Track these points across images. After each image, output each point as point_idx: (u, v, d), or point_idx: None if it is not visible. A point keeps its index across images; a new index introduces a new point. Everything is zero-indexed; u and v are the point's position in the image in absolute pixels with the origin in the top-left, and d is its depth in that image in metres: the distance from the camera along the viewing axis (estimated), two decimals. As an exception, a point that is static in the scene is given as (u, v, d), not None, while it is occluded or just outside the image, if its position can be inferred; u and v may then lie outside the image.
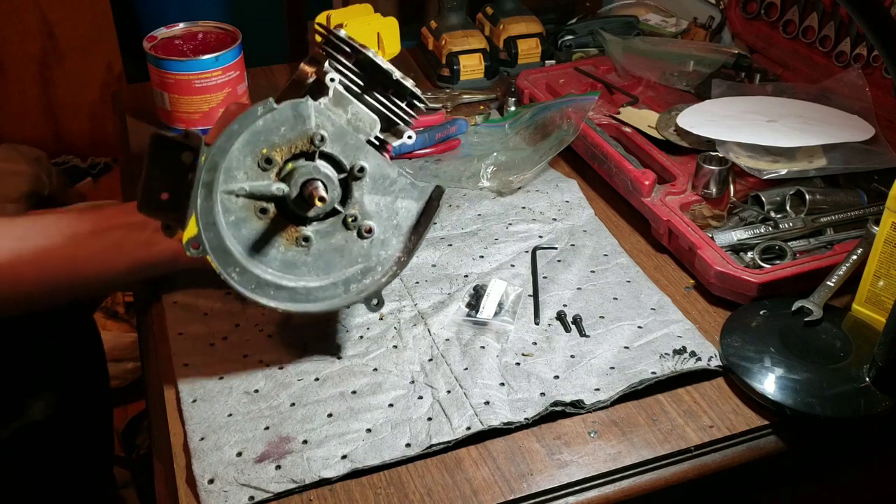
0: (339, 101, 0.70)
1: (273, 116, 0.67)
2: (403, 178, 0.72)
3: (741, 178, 0.95)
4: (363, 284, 0.72)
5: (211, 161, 0.66)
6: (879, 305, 0.77)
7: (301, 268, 0.71)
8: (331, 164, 0.69)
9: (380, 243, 0.72)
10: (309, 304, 0.72)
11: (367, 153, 0.70)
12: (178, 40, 1.12)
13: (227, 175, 0.67)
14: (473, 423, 0.69)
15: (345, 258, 0.72)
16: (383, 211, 0.72)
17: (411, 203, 0.72)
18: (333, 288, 0.72)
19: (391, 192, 0.72)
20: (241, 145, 0.67)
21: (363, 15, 1.18)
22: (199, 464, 0.66)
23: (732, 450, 0.70)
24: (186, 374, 0.74)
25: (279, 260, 0.70)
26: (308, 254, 0.71)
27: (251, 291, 0.70)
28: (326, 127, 0.68)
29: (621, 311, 0.81)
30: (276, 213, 0.69)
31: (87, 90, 2.24)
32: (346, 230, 0.71)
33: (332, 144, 0.69)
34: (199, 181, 0.66)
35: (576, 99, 1.04)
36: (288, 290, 0.71)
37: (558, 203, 0.98)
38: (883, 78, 1.05)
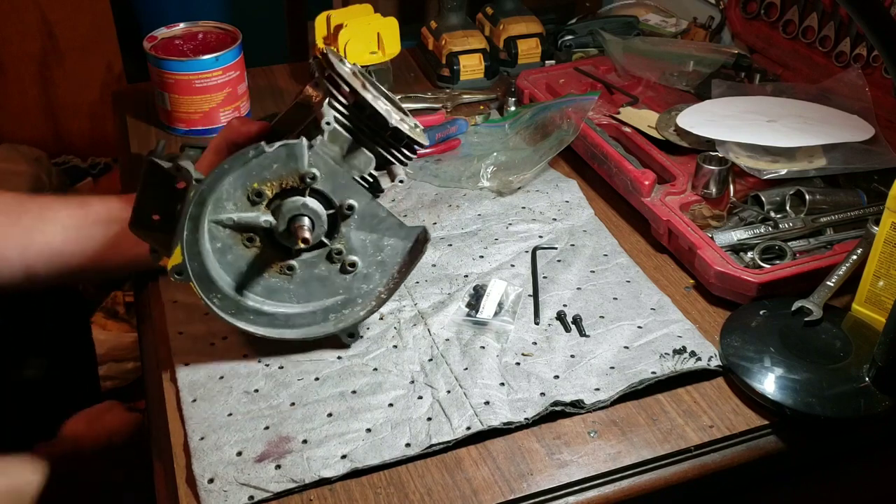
0: (334, 139, 0.72)
1: (266, 156, 0.69)
2: (392, 219, 0.73)
3: (741, 178, 0.95)
4: (342, 315, 0.74)
5: (199, 196, 0.68)
6: (879, 305, 0.77)
7: (283, 294, 0.73)
8: (320, 199, 0.71)
9: (362, 277, 0.74)
10: (286, 329, 0.74)
11: (357, 192, 0.71)
12: (178, 40, 1.13)
13: (216, 205, 0.69)
14: (473, 423, 0.69)
15: (327, 288, 0.73)
16: (369, 247, 0.73)
17: (398, 242, 0.74)
18: (312, 316, 0.74)
19: (378, 229, 0.73)
20: (233, 178, 0.69)
21: (363, 15, 1.18)
22: (198, 463, 0.66)
23: (732, 450, 0.70)
24: (186, 373, 0.74)
25: (262, 286, 0.72)
26: (291, 282, 0.73)
27: (231, 316, 0.72)
28: (319, 166, 0.70)
29: (621, 311, 0.81)
30: (263, 243, 0.71)
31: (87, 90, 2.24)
32: (331, 263, 0.73)
33: (323, 182, 0.70)
34: (187, 214, 0.68)
35: (576, 99, 1.04)
36: (267, 315, 0.73)
37: (558, 203, 0.98)
38: (883, 78, 1.05)
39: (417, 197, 0.99)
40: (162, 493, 0.67)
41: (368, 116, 0.73)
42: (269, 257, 0.72)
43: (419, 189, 1.00)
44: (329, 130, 0.71)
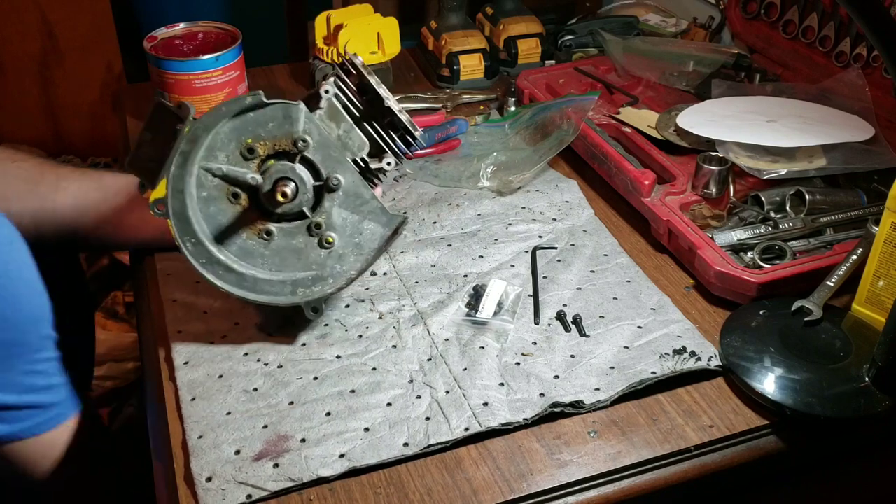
0: (333, 116, 0.73)
1: (264, 112, 0.70)
2: (375, 202, 0.73)
3: (741, 178, 0.95)
4: (310, 290, 0.74)
5: (193, 133, 0.70)
6: (879, 305, 0.77)
7: (256, 259, 0.73)
8: (310, 169, 0.71)
9: (337, 256, 0.74)
10: (253, 293, 0.74)
11: (346, 169, 0.72)
12: (178, 40, 1.12)
13: (208, 152, 0.70)
14: (472, 424, 0.69)
15: (301, 261, 0.73)
16: (348, 227, 0.73)
17: (377, 227, 0.74)
18: (281, 285, 0.74)
19: (361, 211, 0.73)
20: (228, 129, 0.70)
21: (363, 15, 1.18)
22: (197, 462, 0.66)
23: (732, 450, 0.70)
24: (185, 372, 0.74)
25: (238, 245, 0.73)
26: (267, 248, 0.73)
27: (201, 265, 0.72)
28: (312, 134, 0.70)
29: (621, 311, 0.81)
30: (247, 202, 0.72)
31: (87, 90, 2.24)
32: (309, 236, 0.73)
33: (315, 152, 0.71)
34: (178, 149, 0.69)
35: (576, 99, 1.04)
36: (237, 274, 0.73)
37: (558, 203, 0.97)
38: (883, 78, 1.05)
39: (417, 196, 0.99)
40: (161, 491, 0.67)
41: (369, 101, 0.74)
42: (250, 217, 0.72)
43: (419, 189, 1.00)
44: (327, 100, 0.72)
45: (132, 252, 0.93)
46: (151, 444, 0.72)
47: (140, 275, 0.88)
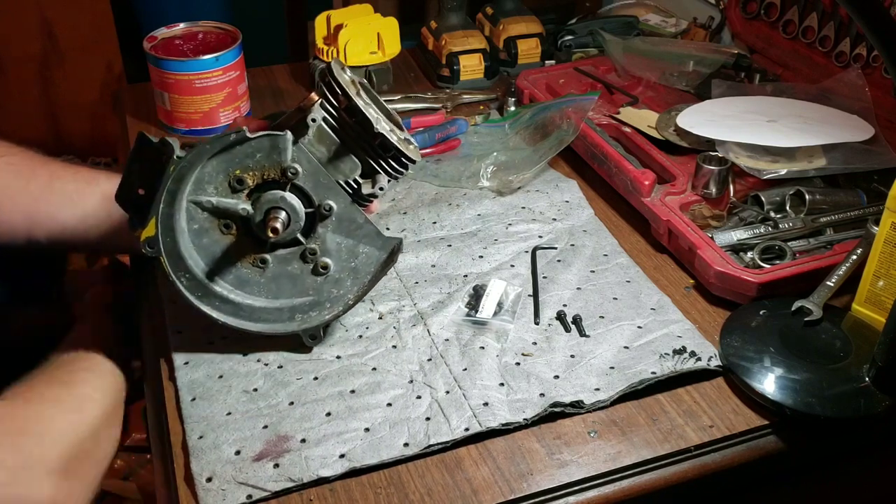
0: (322, 139, 0.72)
1: (251, 144, 0.69)
2: (370, 226, 0.73)
3: (741, 178, 0.95)
4: (308, 316, 0.74)
5: (178, 172, 0.69)
6: (879, 305, 0.77)
7: (253, 287, 0.73)
8: (301, 196, 0.71)
9: (333, 281, 0.73)
10: (250, 322, 0.74)
11: (338, 195, 0.71)
12: (178, 40, 1.12)
13: (197, 186, 0.70)
14: (472, 424, 0.69)
15: (297, 287, 0.73)
16: (343, 252, 0.73)
17: (373, 251, 0.74)
18: (278, 313, 0.74)
19: (355, 235, 0.73)
20: (216, 162, 0.70)
21: (363, 15, 1.18)
22: (197, 462, 0.66)
23: (732, 450, 0.70)
24: (186, 372, 0.74)
25: (233, 275, 0.73)
26: (262, 276, 0.73)
27: (197, 299, 0.72)
28: (302, 163, 0.70)
29: (621, 311, 0.81)
30: (239, 232, 0.72)
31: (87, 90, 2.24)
32: (304, 262, 0.73)
33: (305, 180, 0.70)
34: (165, 188, 0.69)
35: (576, 99, 1.04)
36: (233, 304, 0.73)
37: (558, 203, 0.97)
38: (883, 78, 1.05)
39: (417, 196, 0.99)
40: (161, 491, 0.67)
41: (358, 122, 0.72)
42: (243, 247, 0.72)
43: (419, 189, 1.00)
44: (315, 127, 0.71)
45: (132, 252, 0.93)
46: (151, 444, 0.72)
47: (140, 275, 0.88)
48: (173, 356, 0.76)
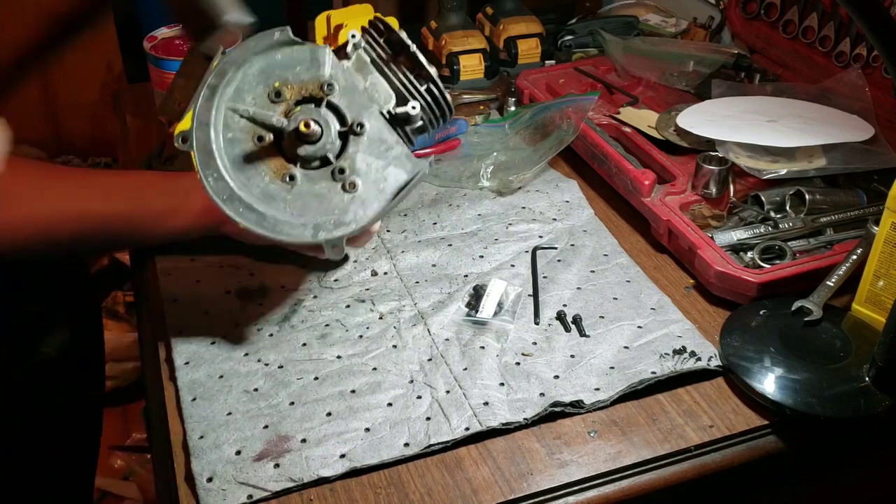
0: (360, 69, 0.73)
1: (292, 53, 0.71)
2: (400, 147, 0.72)
3: (741, 178, 0.95)
4: (332, 234, 0.72)
5: (221, 67, 0.70)
6: (879, 305, 0.77)
7: (279, 203, 0.72)
8: (335, 116, 0.71)
9: (360, 202, 0.72)
10: (273, 233, 0.72)
11: (372, 114, 0.72)
12: (178, 40, 1.12)
13: (236, 94, 0.70)
14: (472, 423, 0.69)
15: (323, 206, 0.72)
16: (372, 173, 0.72)
17: (401, 174, 0.73)
18: (302, 228, 0.72)
19: (385, 157, 0.72)
20: (256, 71, 0.70)
21: (363, 15, 1.18)
22: (197, 462, 0.66)
23: (732, 450, 0.70)
24: (186, 372, 0.74)
25: (260, 188, 0.71)
26: (289, 192, 0.72)
27: (222, 201, 0.71)
28: (339, 79, 0.71)
29: (621, 311, 0.81)
30: (272, 144, 0.71)
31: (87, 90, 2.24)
32: (332, 181, 0.72)
33: (341, 97, 0.71)
34: (206, 82, 0.69)
35: (576, 99, 1.04)
36: (257, 213, 0.71)
37: (558, 203, 0.98)
38: (883, 78, 1.05)
39: (417, 197, 0.99)
40: (161, 491, 0.67)
41: (395, 54, 0.74)
42: (274, 161, 0.72)
43: (419, 189, 1.00)
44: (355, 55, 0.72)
45: (133, 252, 0.93)
46: (151, 444, 0.72)
47: (140, 274, 0.88)
48: (174, 356, 0.76)
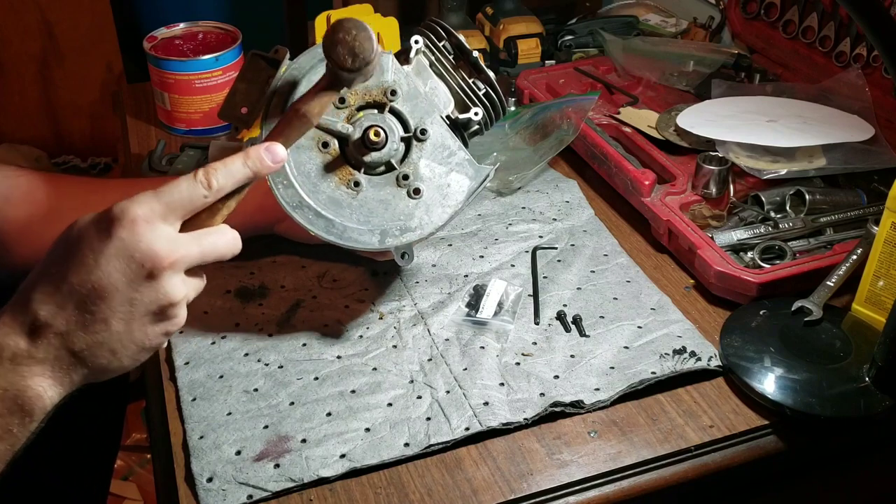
0: (419, 73, 0.75)
1: None
2: (462, 153, 0.74)
3: (741, 178, 0.95)
4: (399, 240, 0.74)
5: (290, 74, 0.71)
6: (879, 305, 0.77)
7: (345, 209, 0.73)
8: (398, 121, 0.73)
9: (425, 207, 0.74)
10: (342, 239, 0.73)
11: (434, 120, 0.73)
12: (178, 40, 1.13)
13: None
14: (472, 423, 0.69)
15: (388, 212, 0.73)
16: (436, 178, 0.74)
17: (464, 179, 0.74)
18: (370, 234, 0.74)
19: (448, 163, 0.74)
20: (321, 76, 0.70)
21: (363, 15, 1.18)
22: (197, 462, 0.66)
23: (732, 450, 0.70)
24: (186, 372, 0.74)
25: (327, 195, 0.73)
26: (355, 198, 0.73)
27: (292, 209, 0.72)
28: (402, 85, 0.72)
29: (621, 311, 0.81)
30: (336, 152, 0.72)
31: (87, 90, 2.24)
32: (397, 187, 0.73)
33: (404, 103, 0.73)
34: (274, 88, 0.71)
35: (576, 99, 1.04)
36: (326, 220, 0.73)
37: (558, 203, 0.98)
38: (883, 78, 1.05)
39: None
40: (161, 491, 0.67)
41: (454, 58, 0.76)
42: (339, 168, 0.73)
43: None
44: (416, 54, 0.74)
45: None
46: (152, 444, 0.72)
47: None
48: (174, 356, 0.76)
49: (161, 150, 1.07)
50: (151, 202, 0.57)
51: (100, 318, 0.57)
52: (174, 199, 0.58)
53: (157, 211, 0.57)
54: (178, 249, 0.58)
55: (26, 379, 0.56)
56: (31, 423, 0.57)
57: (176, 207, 0.58)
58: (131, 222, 0.56)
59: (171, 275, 0.58)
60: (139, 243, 0.56)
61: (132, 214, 0.56)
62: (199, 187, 0.59)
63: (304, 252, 0.88)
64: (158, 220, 0.57)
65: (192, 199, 0.59)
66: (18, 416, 0.57)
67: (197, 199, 0.59)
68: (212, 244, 0.60)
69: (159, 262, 0.57)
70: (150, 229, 0.57)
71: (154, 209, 0.57)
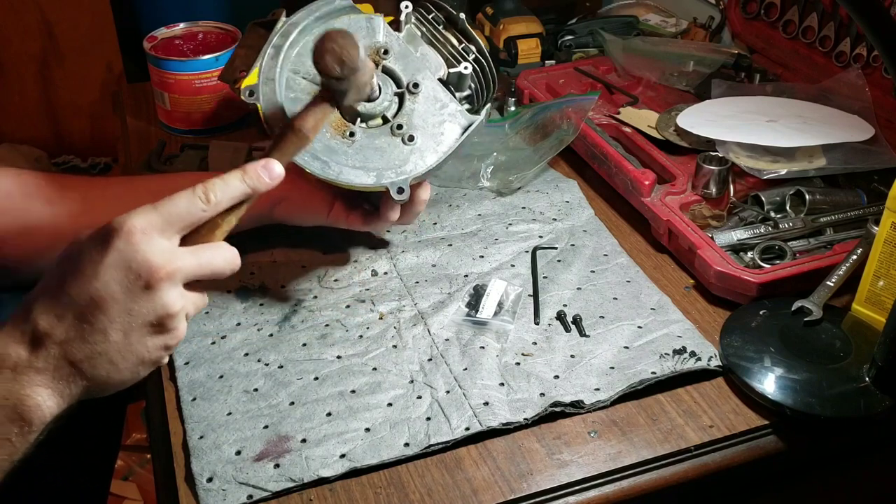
0: (411, 41, 0.78)
1: (349, 20, 0.76)
2: (454, 105, 0.77)
3: (741, 178, 0.95)
4: (393, 181, 0.75)
5: (286, 28, 0.75)
6: (879, 305, 0.77)
7: (341, 156, 0.75)
8: (391, 79, 0.77)
9: (419, 153, 0.76)
10: (338, 178, 0.75)
11: (426, 75, 0.77)
12: (178, 40, 1.12)
13: (298, 58, 0.75)
14: (472, 423, 0.69)
15: (384, 158, 0.76)
16: (429, 127, 0.77)
17: (456, 127, 0.77)
18: (365, 174, 0.75)
19: (440, 114, 0.77)
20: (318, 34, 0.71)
21: (363, 15, 1.18)
22: (198, 462, 0.66)
23: (732, 450, 0.70)
24: (186, 372, 0.74)
25: (323, 144, 0.75)
26: (350, 146, 0.75)
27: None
28: (393, 45, 0.76)
29: (621, 311, 0.81)
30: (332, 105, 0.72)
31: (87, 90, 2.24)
32: (391, 136, 0.76)
33: (395, 61, 0.76)
34: (271, 41, 0.75)
35: (576, 99, 1.04)
36: (322, 161, 0.75)
37: (558, 203, 0.98)
38: (883, 78, 1.05)
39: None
40: (161, 491, 0.67)
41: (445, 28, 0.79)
42: (334, 119, 0.75)
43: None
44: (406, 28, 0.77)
45: None
46: (151, 444, 0.72)
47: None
48: (174, 356, 0.76)
49: (161, 150, 1.07)
50: (150, 215, 0.58)
51: (98, 329, 0.57)
52: (172, 213, 0.59)
53: (154, 223, 0.58)
54: (175, 261, 0.58)
55: (26, 388, 0.57)
56: (29, 433, 0.58)
57: (174, 221, 0.59)
58: (128, 234, 0.57)
59: (168, 286, 0.58)
60: (136, 254, 0.57)
61: (129, 226, 0.57)
62: (198, 202, 0.60)
63: (304, 252, 0.88)
64: (156, 232, 0.58)
65: (190, 212, 0.60)
66: (18, 426, 0.57)
67: (195, 213, 0.60)
68: (209, 259, 0.61)
69: (155, 273, 0.57)
70: (146, 241, 0.57)
71: (152, 221, 0.58)
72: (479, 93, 0.81)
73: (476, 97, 0.81)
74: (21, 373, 0.57)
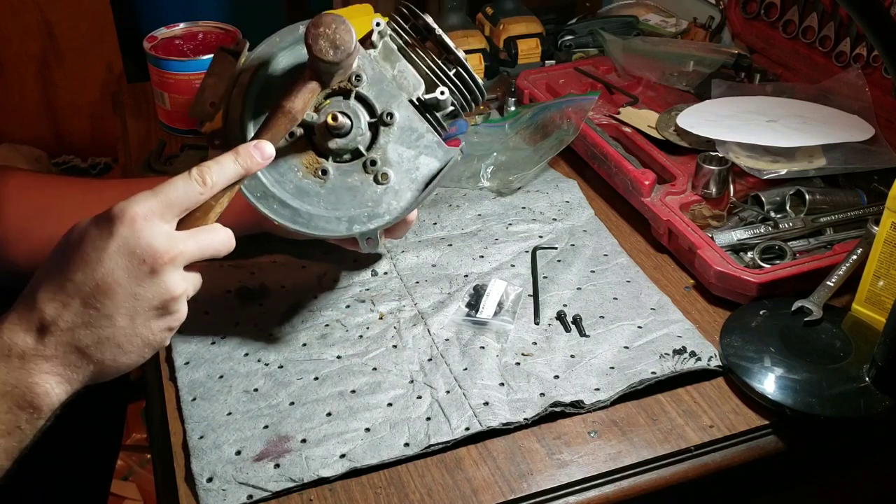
0: (387, 57, 0.74)
1: None
2: (431, 136, 0.74)
3: (741, 178, 0.95)
4: (366, 226, 0.73)
5: (249, 63, 0.71)
6: (879, 305, 0.77)
7: (312, 197, 0.73)
8: (364, 107, 0.73)
9: (393, 193, 0.73)
10: (309, 228, 0.73)
11: (401, 104, 0.73)
12: (178, 40, 1.13)
13: (265, 91, 0.71)
14: (472, 423, 0.69)
15: (356, 199, 0.73)
16: (404, 162, 0.73)
17: (433, 162, 0.74)
18: (337, 222, 0.73)
19: (416, 146, 0.73)
20: (283, 66, 0.70)
21: (363, 15, 1.18)
22: (198, 462, 0.66)
23: (732, 450, 0.70)
24: (186, 372, 0.74)
25: (294, 184, 0.72)
26: (323, 186, 0.73)
27: (256, 199, 0.72)
28: (366, 70, 0.71)
29: (621, 311, 0.81)
30: (303, 139, 0.72)
31: (87, 90, 2.24)
32: (365, 173, 0.73)
33: (369, 88, 0.72)
34: (234, 79, 0.70)
35: (576, 99, 1.04)
36: (291, 209, 0.72)
37: (558, 203, 0.98)
38: (883, 78, 1.05)
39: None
40: (161, 491, 0.67)
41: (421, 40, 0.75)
42: (306, 156, 0.73)
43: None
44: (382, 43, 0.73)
45: None
46: (151, 444, 0.72)
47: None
48: (173, 356, 0.76)
49: (161, 150, 1.07)
50: (149, 200, 0.59)
51: (105, 314, 0.58)
52: (171, 197, 0.60)
53: (154, 209, 0.59)
54: (177, 245, 0.60)
55: (34, 376, 0.58)
56: (38, 419, 0.59)
57: (173, 205, 0.60)
58: (131, 220, 0.58)
59: (171, 270, 0.59)
60: (139, 240, 0.58)
61: (131, 213, 0.58)
62: (195, 185, 0.61)
63: (304, 252, 0.88)
64: (156, 217, 0.59)
65: (187, 196, 0.61)
66: (27, 413, 0.58)
67: (193, 196, 0.61)
68: (208, 241, 0.62)
69: (160, 258, 0.58)
70: (148, 226, 0.58)
71: (152, 207, 0.59)
72: (464, 107, 0.77)
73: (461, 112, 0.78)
74: (29, 360, 0.58)
